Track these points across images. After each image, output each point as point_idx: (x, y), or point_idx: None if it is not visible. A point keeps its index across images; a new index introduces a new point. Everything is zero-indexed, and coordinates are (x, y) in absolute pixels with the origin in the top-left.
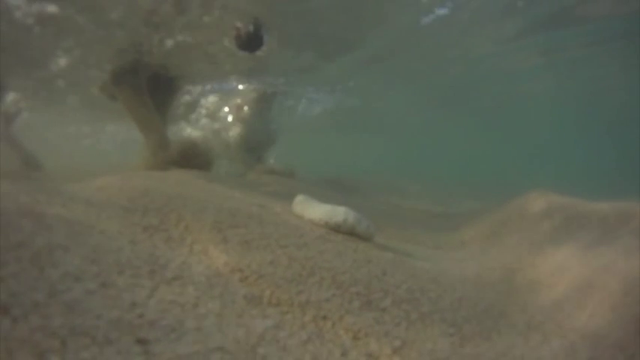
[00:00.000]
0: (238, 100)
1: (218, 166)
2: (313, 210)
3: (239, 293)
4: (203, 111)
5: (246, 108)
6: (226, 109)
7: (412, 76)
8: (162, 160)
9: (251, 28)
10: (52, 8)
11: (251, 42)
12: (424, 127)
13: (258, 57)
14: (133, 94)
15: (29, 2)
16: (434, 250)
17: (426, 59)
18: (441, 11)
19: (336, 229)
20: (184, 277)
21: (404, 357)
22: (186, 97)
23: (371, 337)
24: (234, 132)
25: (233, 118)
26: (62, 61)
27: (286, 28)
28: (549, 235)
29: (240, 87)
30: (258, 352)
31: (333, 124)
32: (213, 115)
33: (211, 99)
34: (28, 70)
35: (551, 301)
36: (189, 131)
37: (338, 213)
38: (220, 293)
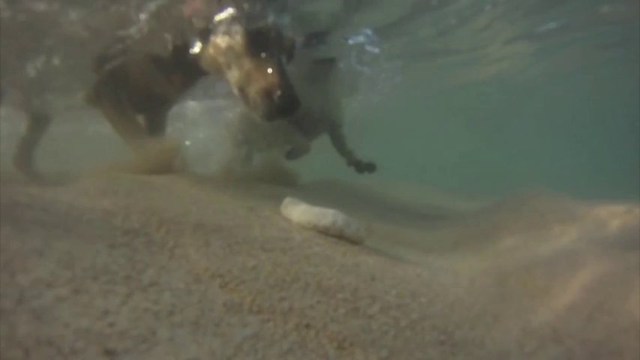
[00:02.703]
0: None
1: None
2: (302, 213)
3: (218, 300)
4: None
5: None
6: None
7: (435, 74)
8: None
9: (286, 84)
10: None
11: (289, 105)
12: (422, 128)
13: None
14: (112, 109)
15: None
16: (426, 253)
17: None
18: None
19: (325, 232)
20: (161, 283)
21: None
22: None
23: (356, 347)
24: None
25: None
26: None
27: None
28: (544, 237)
29: None
30: None
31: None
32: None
33: None
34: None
35: (547, 305)
36: None
37: (326, 215)
38: (198, 300)
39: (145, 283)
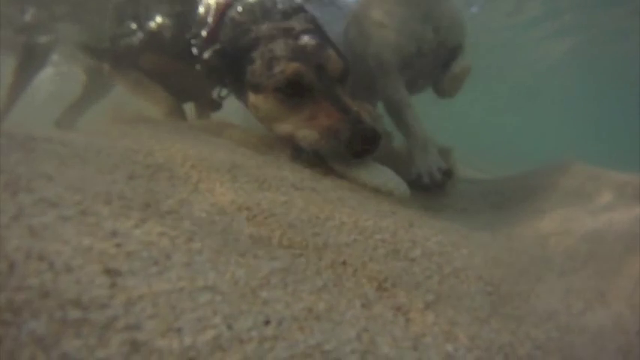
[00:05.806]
0: None
1: None
2: (350, 166)
3: (244, 232)
4: None
5: None
6: None
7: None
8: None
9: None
10: None
11: (367, 142)
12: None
13: None
14: (126, 81)
15: None
16: (461, 213)
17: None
18: None
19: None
20: (181, 212)
21: (438, 313)
22: None
23: (399, 288)
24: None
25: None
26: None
27: None
28: (583, 203)
29: None
30: (260, 295)
31: None
32: None
33: None
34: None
35: (590, 268)
36: None
37: (379, 175)
38: (222, 230)
39: (163, 211)
